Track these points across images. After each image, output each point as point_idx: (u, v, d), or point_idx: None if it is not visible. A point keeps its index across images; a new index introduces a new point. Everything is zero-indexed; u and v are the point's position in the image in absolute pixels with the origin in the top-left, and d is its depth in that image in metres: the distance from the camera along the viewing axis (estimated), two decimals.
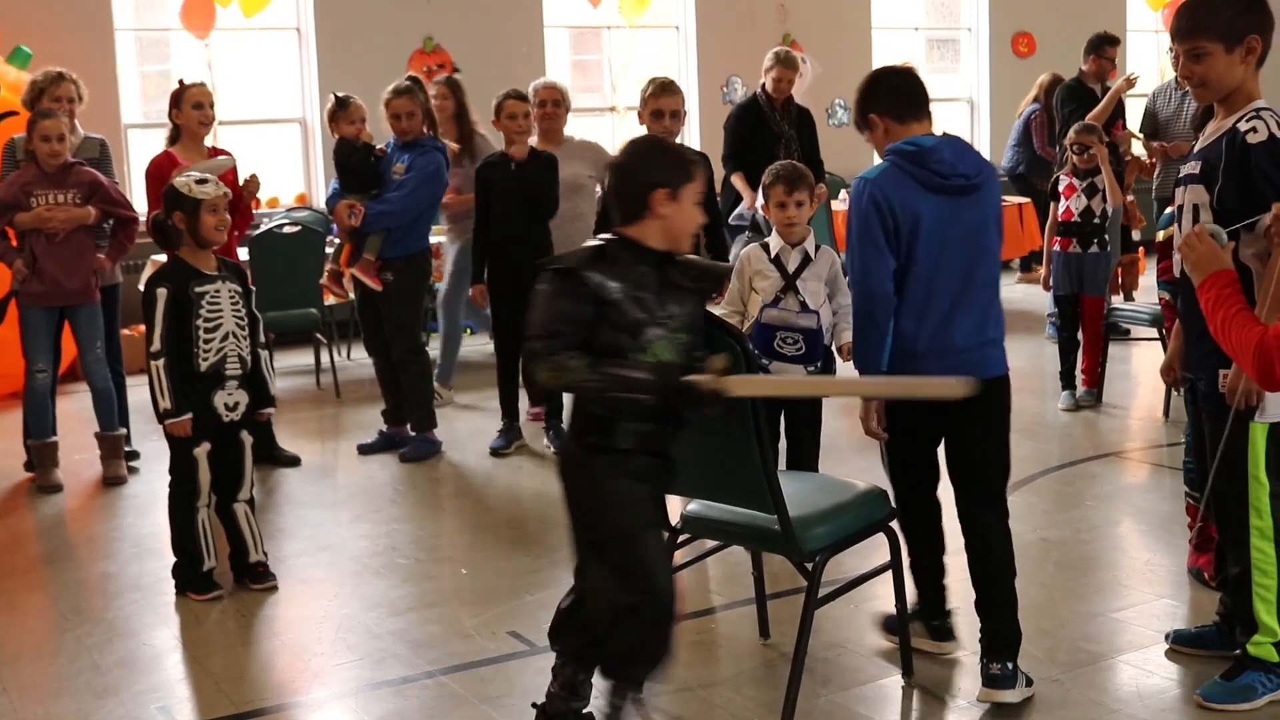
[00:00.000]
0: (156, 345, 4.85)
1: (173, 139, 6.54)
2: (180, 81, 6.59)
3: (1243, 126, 3.63)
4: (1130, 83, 9.57)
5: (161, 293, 4.87)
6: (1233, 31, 3.64)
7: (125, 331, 7.34)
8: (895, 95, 3.93)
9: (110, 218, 6.46)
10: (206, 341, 4.89)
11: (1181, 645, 4.18)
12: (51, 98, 6.59)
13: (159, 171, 6.21)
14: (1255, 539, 3.77)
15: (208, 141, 6.71)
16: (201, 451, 4.93)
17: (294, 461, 6.77)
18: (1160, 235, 3.34)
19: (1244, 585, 3.81)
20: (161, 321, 4.85)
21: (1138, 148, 9.83)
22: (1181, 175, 3.83)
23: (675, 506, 4.10)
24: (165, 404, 4.86)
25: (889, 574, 4.02)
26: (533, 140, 6.89)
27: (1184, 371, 3.96)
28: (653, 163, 3.39)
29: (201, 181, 4.98)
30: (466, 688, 4.11)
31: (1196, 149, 3.84)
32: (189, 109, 6.47)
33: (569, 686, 3.58)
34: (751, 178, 7.31)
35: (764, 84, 8.21)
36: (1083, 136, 7.53)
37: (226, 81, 10.47)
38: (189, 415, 4.87)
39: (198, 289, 4.90)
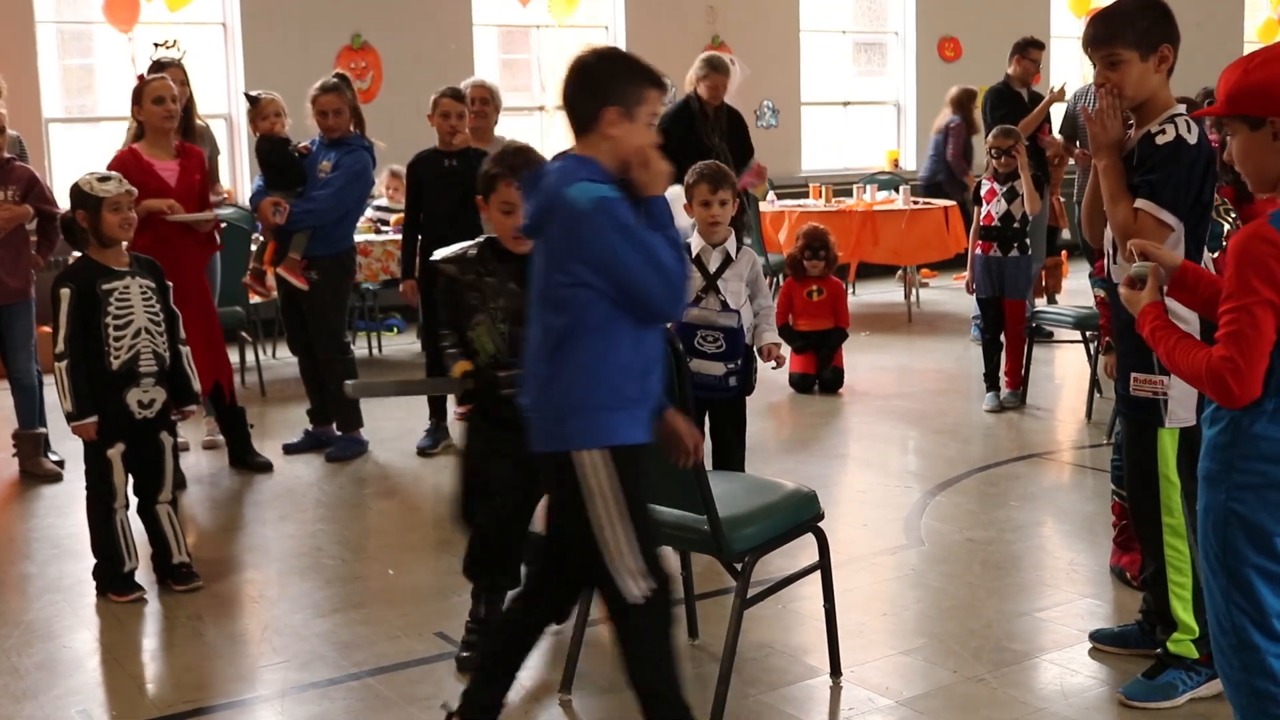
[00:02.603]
0: (60, 346, 4.77)
1: (137, 135, 6.33)
2: (140, 77, 6.41)
3: (1154, 129, 3.71)
4: (1060, 95, 9.71)
5: (65, 293, 4.78)
6: (1147, 40, 3.71)
7: (44, 329, 7.22)
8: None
9: (37, 215, 6.36)
10: (117, 339, 4.80)
11: (1104, 644, 4.23)
12: None
13: (122, 169, 5.89)
14: (1168, 537, 3.83)
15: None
16: (115, 453, 4.85)
17: (267, 468, 6.62)
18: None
19: (1160, 584, 3.88)
20: (66, 322, 4.77)
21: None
22: None
23: None
24: (67, 406, 4.78)
25: (817, 574, 4.03)
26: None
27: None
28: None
29: (104, 179, 4.91)
30: (393, 689, 4.08)
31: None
32: (149, 104, 6.21)
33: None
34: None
35: (696, 90, 8.23)
36: (1000, 141, 7.61)
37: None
38: (93, 418, 4.78)
39: (105, 286, 4.81)
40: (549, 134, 11.98)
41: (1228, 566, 2.98)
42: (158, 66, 6.86)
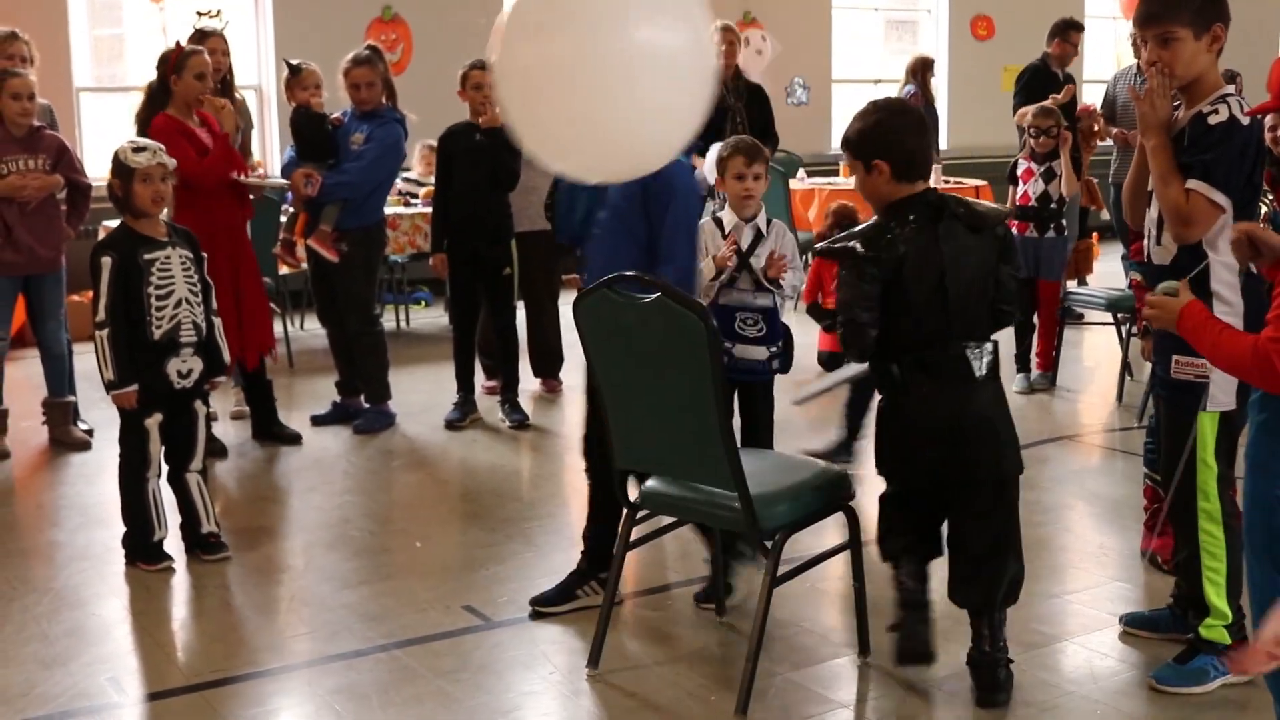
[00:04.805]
0: (101, 315, 4.75)
1: (160, 99, 6.16)
2: (178, 44, 6.30)
3: (1206, 109, 3.66)
4: (1069, 93, 9.68)
5: (106, 261, 4.76)
6: (1201, 18, 3.66)
7: (74, 298, 7.25)
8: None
9: (67, 184, 6.36)
10: (159, 309, 4.80)
11: (1135, 628, 4.20)
12: (4, 55, 6.45)
13: (168, 132, 5.85)
14: (1203, 522, 3.79)
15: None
16: (153, 422, 4.85)
17: (295, 439, 6.61)
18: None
19: (1194, 569, 3.84)
20: (107, 290, 4.75)
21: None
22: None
23: (633, 482, 4.08)
24: (109, 375, 4.77)
25: (846, 554, 4.02)
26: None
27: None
28: None
29: (139, 150, 4.88)
30: (420, 662, 4.08)
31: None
32: (190, 78, 6.10)
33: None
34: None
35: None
36: (1041, 120, 7.53)
37: None
38: (134, 387, 4.78)
39: (146, 256, 4.80)
40: None
41: (1275, 556, 2.94)
42: (200, 35, 6.83)
